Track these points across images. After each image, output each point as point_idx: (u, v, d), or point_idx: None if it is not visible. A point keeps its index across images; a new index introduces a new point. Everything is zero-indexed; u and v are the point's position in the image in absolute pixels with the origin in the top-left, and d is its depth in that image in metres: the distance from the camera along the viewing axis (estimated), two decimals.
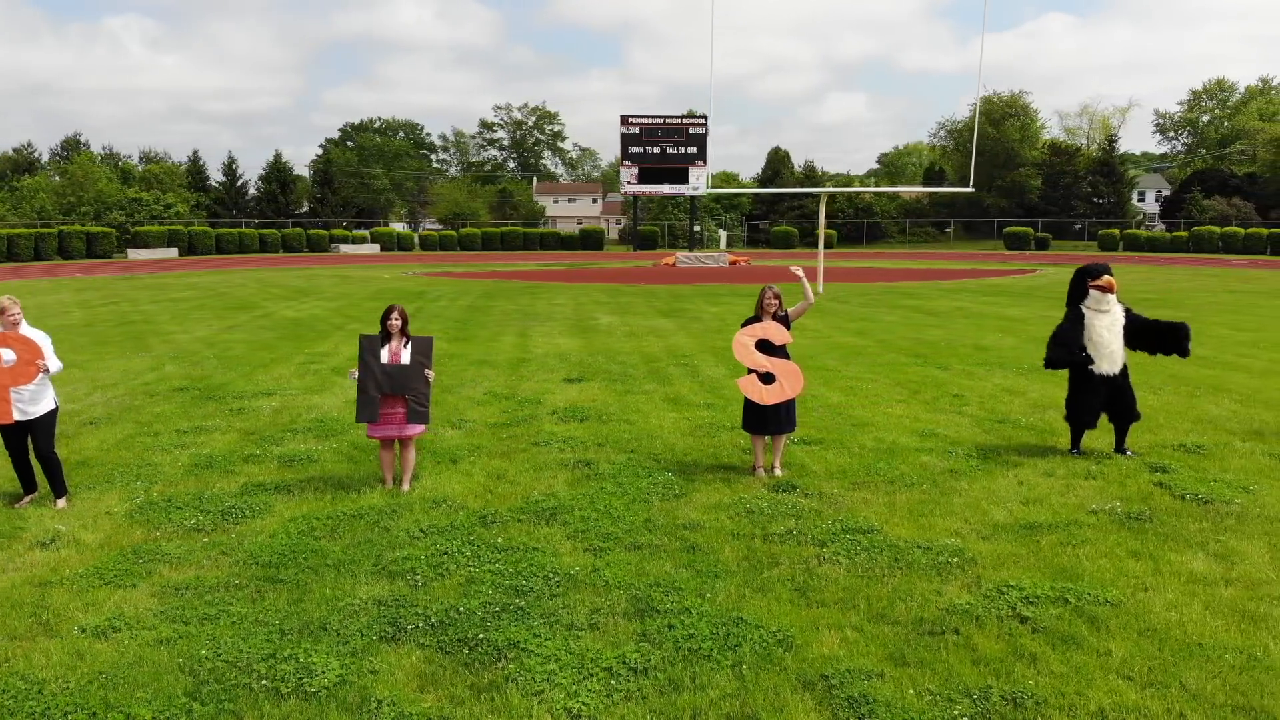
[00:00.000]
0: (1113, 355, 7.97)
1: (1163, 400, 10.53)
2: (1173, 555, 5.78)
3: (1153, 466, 7.77)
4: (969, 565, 5.68)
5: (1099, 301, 7.99)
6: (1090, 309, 8.02)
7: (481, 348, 15.11)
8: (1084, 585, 5.32)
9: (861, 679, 4.33)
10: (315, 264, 45.24)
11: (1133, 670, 4.37)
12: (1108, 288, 7.94)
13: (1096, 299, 7.99)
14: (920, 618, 4.98)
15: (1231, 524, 6.33)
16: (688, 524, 6.46)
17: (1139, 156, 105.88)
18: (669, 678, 4.39)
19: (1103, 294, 7.96)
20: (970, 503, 6.88)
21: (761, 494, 7.12)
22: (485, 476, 7.70)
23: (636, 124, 55.68)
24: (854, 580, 5.49)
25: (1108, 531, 6.22)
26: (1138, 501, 6.84)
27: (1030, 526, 6.34)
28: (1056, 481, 7.39)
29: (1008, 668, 4.42)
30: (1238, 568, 5.56)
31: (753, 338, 7.60)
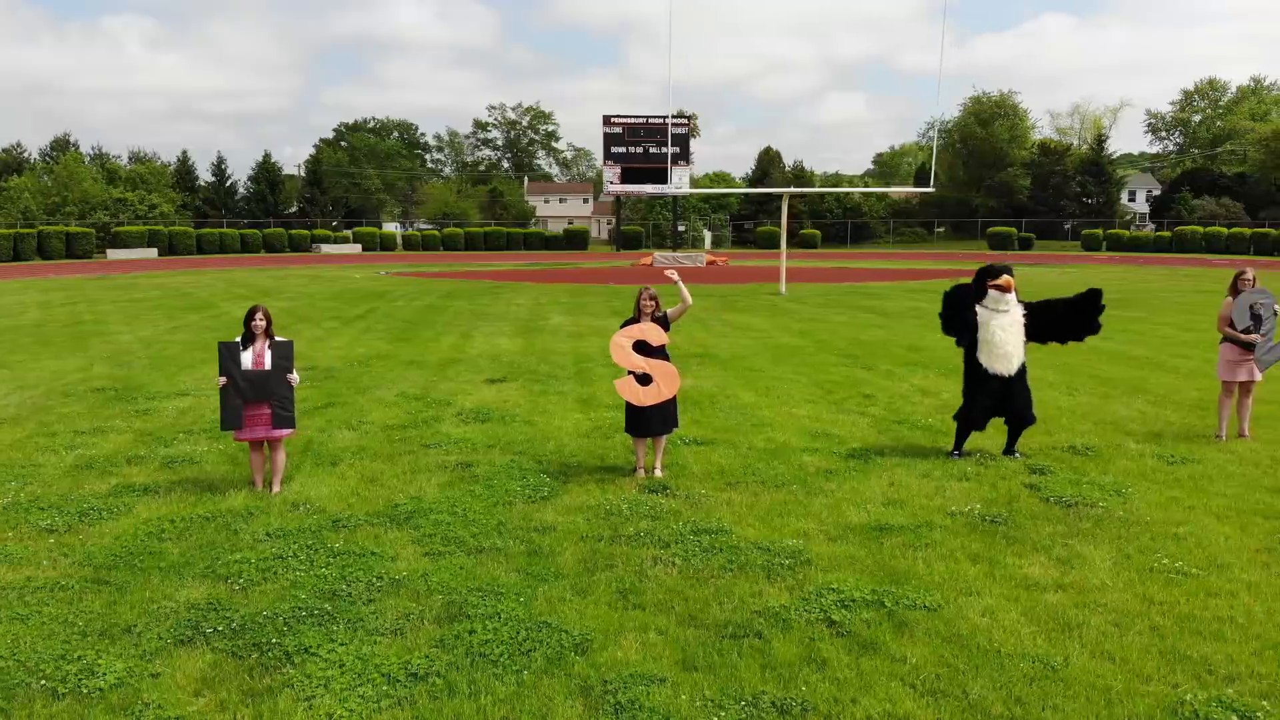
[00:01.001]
0: (1008, 356, 7.88)
1: (1075, 401, 10.45)
2: (1012, 559, 5.69)
3: (1033, 469, 7.69)
4: (802, 567, 5.60)
5: (997, 301, 7.90)
6: (988, 309, 7.94)
7: (417, 348, 15.02)
8: (907, 589, 5.23)
9: (641, 684, 4.25)
10: (293, 264, 45.15)
11: (919, 678, 4.28)
12: (1006, 287, 7.87)
13: (995, 299, 7.90)
14: (729, 621, 4.89)
15: (1087, 528, 6.24)
16: (540, 527, 6.37)
17: (1136, 156, 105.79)
18: (447, 684, 4.30)
19: (1001, 294, 7.88)
20: (832, 504, 6.80)
21: (630, 495, 7.04)
22: (358, 479, 7.61)
23: (619, 124, 55.63)
24: (681, 582, 5.41)
25: (957, 534, 6.13)
26: (1002, 504, 6.75)
27: (881, 528, 6.25)
28: (929, 483, 7.30)
29: (793, 673, 4.34)
30: (1074, 573, 5.47)
31: (630, 339, 7.52)
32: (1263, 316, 8.42)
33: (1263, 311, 8.42)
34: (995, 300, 7.88)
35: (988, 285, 7.92)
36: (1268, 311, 8.42)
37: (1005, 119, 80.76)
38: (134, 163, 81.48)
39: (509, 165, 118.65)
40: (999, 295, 7.85)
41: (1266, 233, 56.32)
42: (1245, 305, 8.43)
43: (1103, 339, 15.85)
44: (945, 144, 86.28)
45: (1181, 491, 7.01)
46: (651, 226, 74.22)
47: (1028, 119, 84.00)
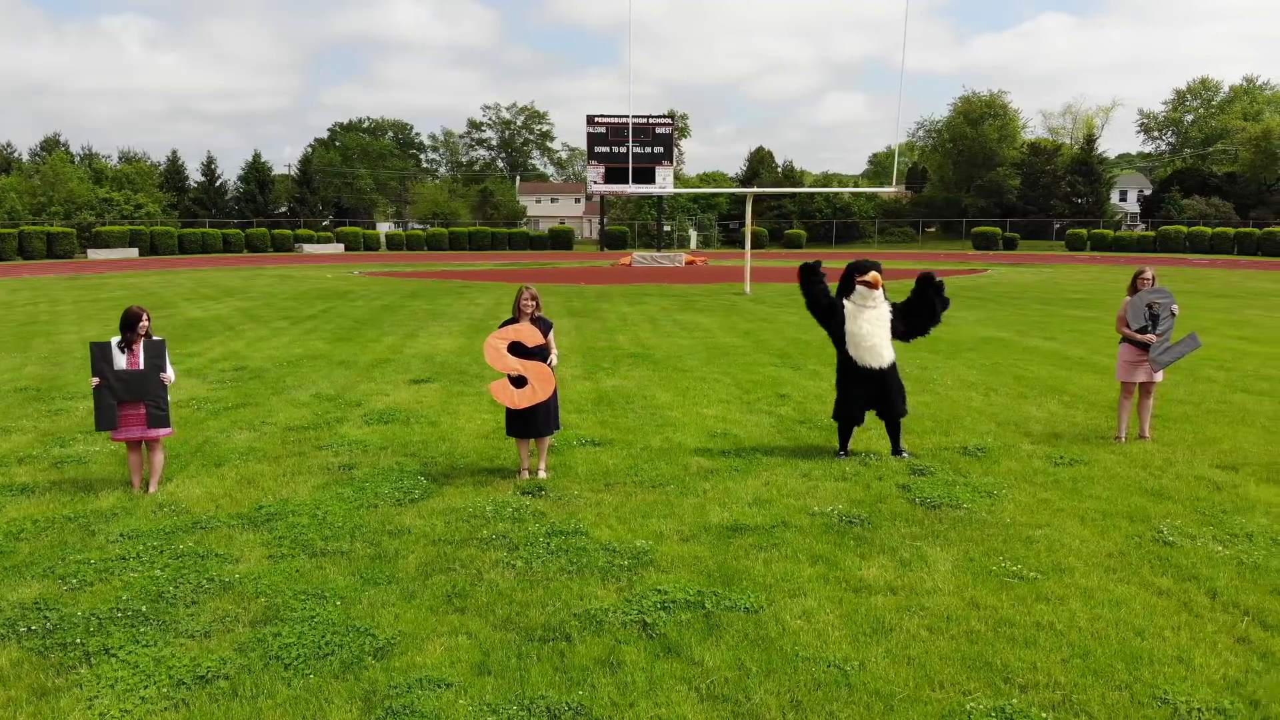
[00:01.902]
0: (875, 350, 7.86)
1: (988, 402, 10.39)
2: (853, 561, 5.64)
3: (914, 469, 7.64)
4: (641, 568, 5.54)
5: (864, 298, 7.87)
6: (856, 304, 7.90)
7: (355, 349, 14.96)
8: (735, 590, 5.18)
9: (426, 689, 4.19)
10: (271, 264, 45.06)
11: (708, 682, 4.22)
12: (873, 284, 7.83)
13: (862, 294, 7.87)
14: (545, 624, 4.84)
15: (942, 529, 6.18)
16: (396, 530, 6.31)
17: (1134, 157, 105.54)
18: (232, 687, 4.25)
19: (868, 290, 7.85)
20: (700, 504, 6.74)
21: (502, 498, 6.98)
22: (235, 481, 7.55)
23: (603, 124, 55.37)
24: (514, 585, 5.35)
25: (809, 535, 6.08)
26: (867, 505, 6.69)
27: (736, 529, 6.20)
28: (806, 483, 7.25)
29: (584, 677, 4.28)
30: (910, 575, 5.41)
31: (504, 340, 7.46)
32: (1160, 316, 8.36)
33: (1160, 311, 8.36)
34: (863, 296, 7.85)
35: (856, 281, 7.89)
36: (1165, 311, 8.37)
37: (995, 119, 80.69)
38: (124, 163, 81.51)
39: (504, 165, 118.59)
40: (866, 291, 7.83)
41: (1250, 232, 56.26)
42: (1141, 305, 8.38)
43: (1044, 339, 15.91)
44: (935, 144, 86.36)
45: (1056, 494, 6.95)
46: (637, 226, 74.17)
47: (1018, 119, 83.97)
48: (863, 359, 7.86)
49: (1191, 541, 5.88)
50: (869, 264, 7.95)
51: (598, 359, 13.66)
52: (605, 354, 14.17)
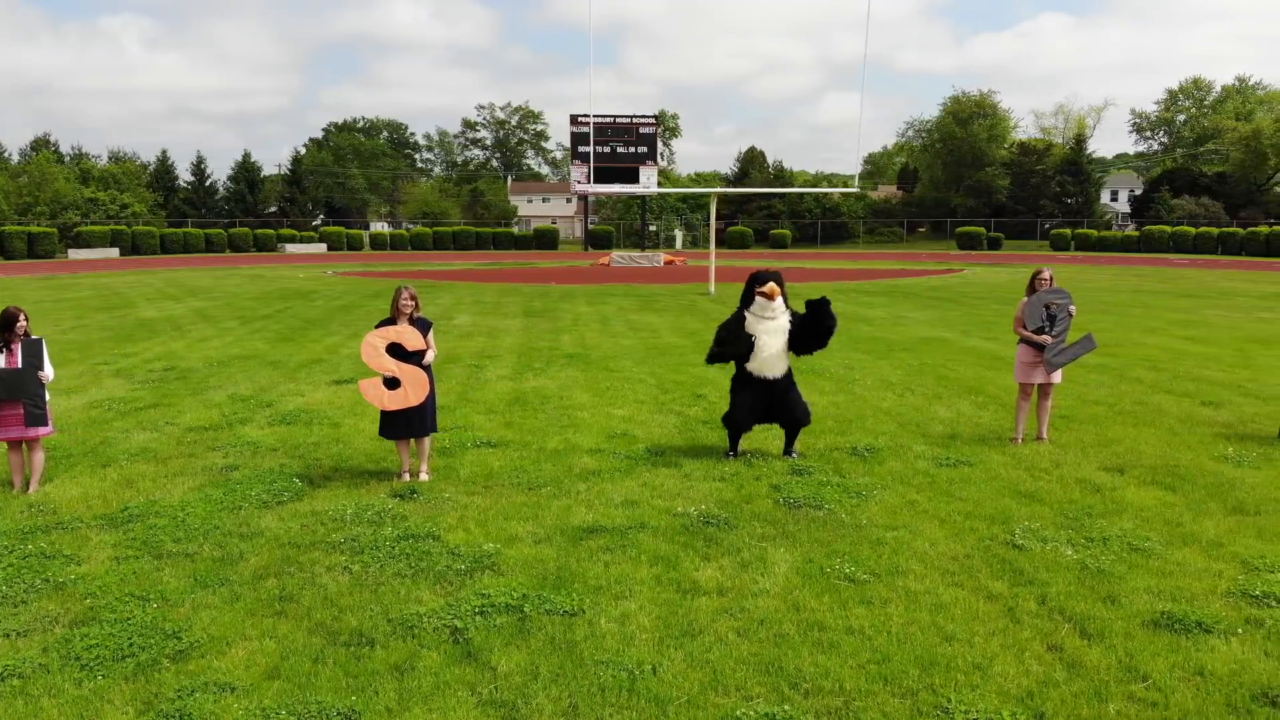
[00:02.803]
0: (771, 360, 7.81)
1: (900, 402, 10.35)
2: (694, 562, 5.59)
3: (797, 469, 7.59)
4: (480, 571, 5.49)
5: (763, 308, 7.82)
6: (754, 314, 7.86)
7: (292, 349, 14.91)
8: (562, 593, 5.13)
9: (210, 692, 4.15)
10: (248, 264, 44.97)
11: (493, 688, 4.17)
12: (770, 295, 7.78)
13: (761, 305, 7.82)
14: (357, 628, 4.79)
15: (794, 530, 6.13)
16: (250, 532, 6.26)
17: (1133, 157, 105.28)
18: (22, 685, 4.24)
19: (766, 300, 7.80)
20: (568, 506, 6.69)
21: (371, 500, 6.92)
22: (116, 481, 7.50)
23: (586, 123, 55.40)
24: (343, 589, 5.29)
25: (662, 536, 6.03)
26: (734, 505, 6.65)
27: (593, 530, 6.15)
28: (684, 484, 7.20)
29: (371, 683, 4.23)
30: (745, 577, 5.36)
31: (384, 340, 7.40)
32: (1057, 317, 8.31)
33: (1057, 312, 8.31)
34: (761, 307, 7.81)
35: (755, 292, 7.85)
36: (1062, 312, 8.32)
37: (984, 119, 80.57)
38: (113, 162, 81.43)
39: (499, 165, 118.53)
40: (764, 302, 7.78)
41: (1234, 232, 56.19)
42: (1039, 305, 8.33)
43: (986, 339, 15.85)
44: (925, 145, 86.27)
45: (926, 495, 6.90)
46: (623, 226, 74.14)
47: (1008, 119, 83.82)
48: (759, 371, 7.82)
49: (1043, 545, 5.83)
50: (768, 275, 7.92)
51: (531, 359, 13.61)
52: (542, 354, 14.12)
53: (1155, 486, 7.12)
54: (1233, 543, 5.89)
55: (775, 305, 7.83)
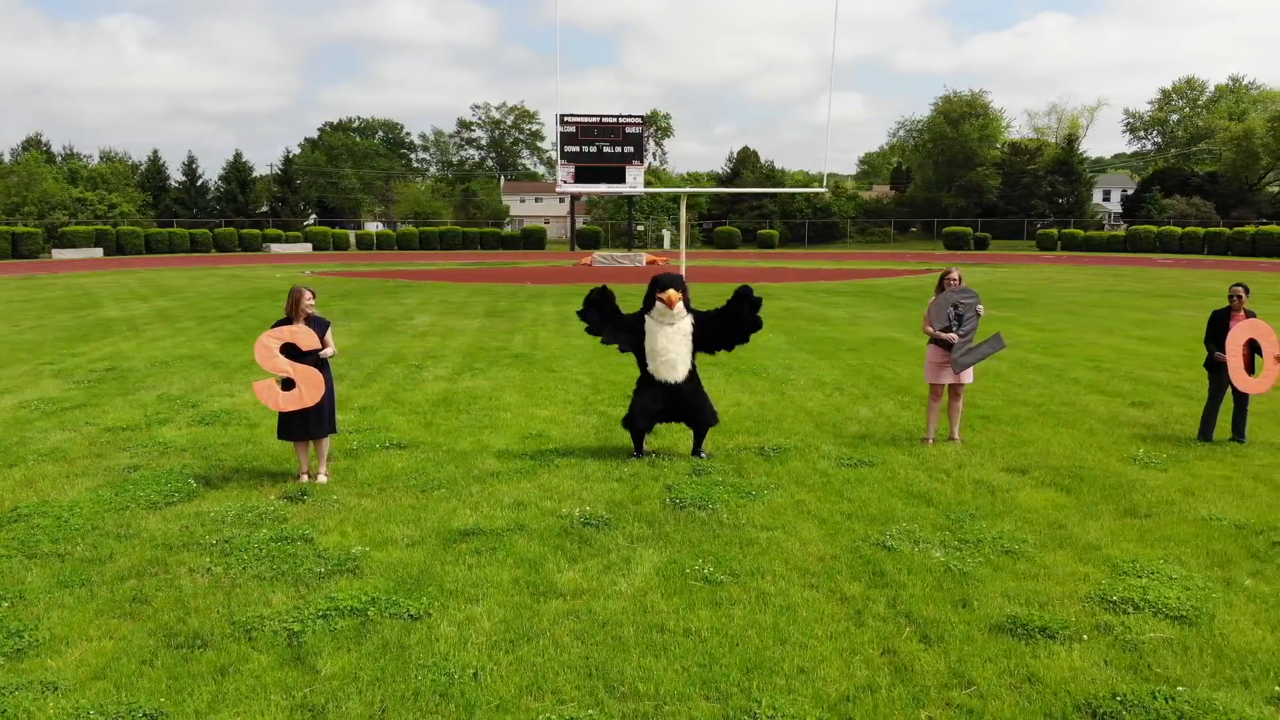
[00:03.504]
0: (672, 363, 7.78)
1: (826, 401, 10.30)
2: (560, 564, 5.54)
3: (698, 470, 7.55)
4: (340, 574, 5.44)
5: (662, 314, 7.78)
6: (654, 319, 7.82)
7: (241, 349, 14.84)
8: (413, 597, 5.09)
9: (33, 690, 4.14)
10: (230, 264, 44.90)
11: (309, 691, 4.13)
12: (668, 301, 7.74)
13: (660, 311, 7.78)
14: (197, 630, 4.74)
15: (671, 531, 6.09)
16: (128, 533, 6.20)
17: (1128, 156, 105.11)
18: None
19: (665, 307, 7.76)
20: (455, 508, 6.64)
21: (257, 502, 6.86)
22: (17, 482, 7.44)
23: (573, 123, 55.27)
24: (199, 591, 5.25)
25: (538, 538, 5.98)
26: (621, 506, 6.60)
27: (471, 533, 6.10)
28: (580, 485, 7.15)
29: (191, 684, 4.18)
30: (606, 579, 5.32)
31: (278, 341, 7.35)
32: (965, 317, 8.27)
33: (964, 311, 8.27)
34: (660, 313, 7.78)
35: (655, 298, 7.81)
36: (969, 311, 8.28)
37: (976, 119, 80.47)
38: (104, 162, 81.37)
39: (494, 165, 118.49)
40: (664, 308, 7.74)
41: (1220, 232, 56.12)
42: (946, 304, 8.29)
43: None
44: (915, 144, 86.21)
45: (817, 495, 6.86)
46: (611, 226, 74.09)
47: (1000, 119, 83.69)
48: (659, 372, 7.80)
49: (914, 547, 5.78)
50: (668, 281, 7.89)
51: (476, 359, 13.56)
52: (488, 354, 14.07)
53: (1052, 488, 7.07)
54: (1111, 546, 5.84)
55: (675, 311, 7.78)
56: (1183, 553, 5.71)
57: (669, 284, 7.84)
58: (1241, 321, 8.54)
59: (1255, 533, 6.07)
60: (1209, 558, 5.64)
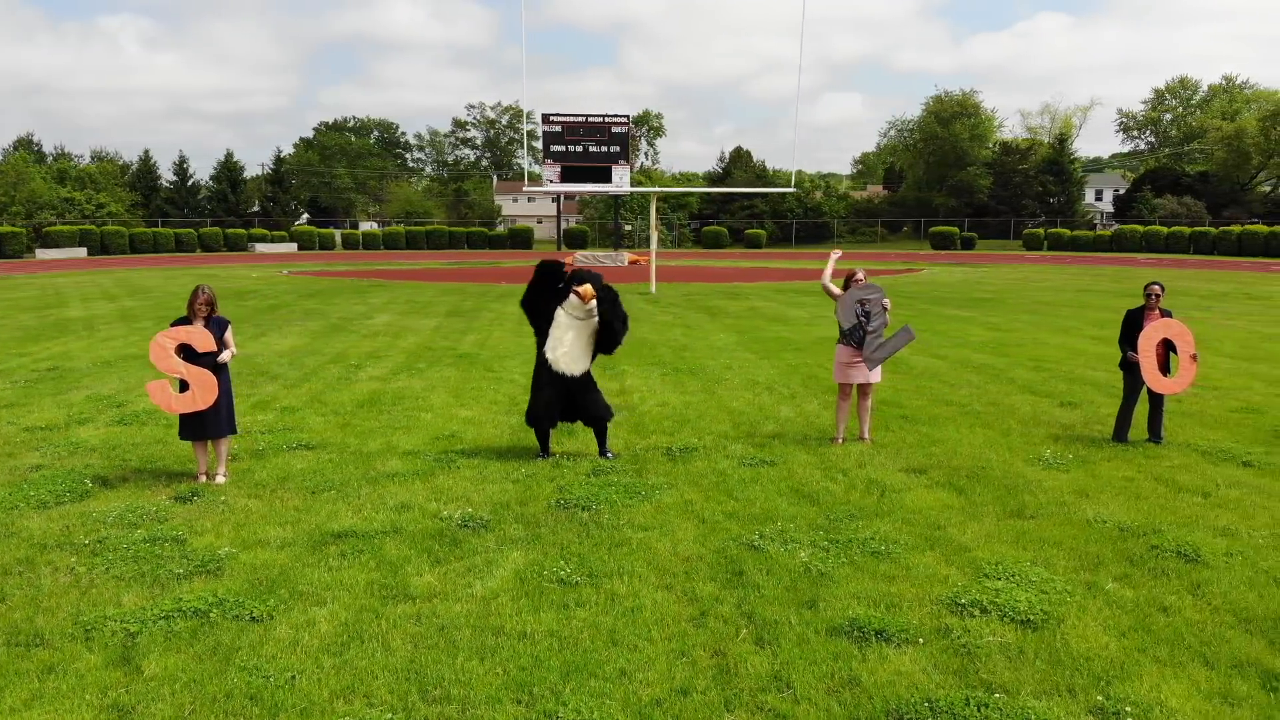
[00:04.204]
0: (575, 357, 7.75)
1: (752, 401, 10.28)
2: (421, 567, 5.51)
3: (599, 470, 7.52)
4: (199, 575, 5.40)
5: (575, 308, 7.75)
6: (567, 312, 7.79)
7: None
8: (262, 599, 5.05)
9: None
10: (210, 264, 44.85)
11: (117, 694, 4.09)
12: (583, 297, 7.71)
13: (574, 304, 7.75)
14: (37, 631, 4.70)
15: (547, 532, 6.06)
16: (9, 533, 6.15)
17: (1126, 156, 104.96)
18: None
19: (580, 301, 7.73)
20: (339, 510, 6.60)
21: (151, 503, 6.82)
22: None
23: (558, 122, 55.22)
24: (57, 590, 5.21)
25: (409, 540, 5.95)
26: (506, 508, 6.57)
27: (344, 535, 6.06)
28: (474, 486, 7.12)
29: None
30: (462, 582, 5.28)
31: (174, 341, 7.30)
32: (872, 314, 8.24)
33: (872, 308, 8.24)
34: (573, 306, 7.75)
35: (573, 290, 7.78)
36: (876, 307, 8.25)
37: (967, 119, 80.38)
38: (95, 162, 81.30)
39: (489, 164, 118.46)
40: (578, 302, 7.72)
41: (1206, 231, 56.09)
42: (851, 302, 8.26)
43: None
44: (905, 144, 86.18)
45: (707, 495, 6.83)
46: (599, 226, 74.05)
47: (993, 119, 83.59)
48: (559, 364, 7.76)
49: (782, 548, 5.75)
50: (586, 275, 7.85)
51: (419, 359, 13.53)
52: (433, 354, 14.04)
53: (945, 489, 7.04)
54: (982, 548, 5.81)
55: (589, 307, 7.76)
56: (1053, 555, 5.67)
57: (587, 279, 7.81)
58: (1155, 321, 8.49)
59: (1137, 535, 6.04)
60: (1080, 561, 5.60)
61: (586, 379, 7.84)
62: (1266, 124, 70.75)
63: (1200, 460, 7.94)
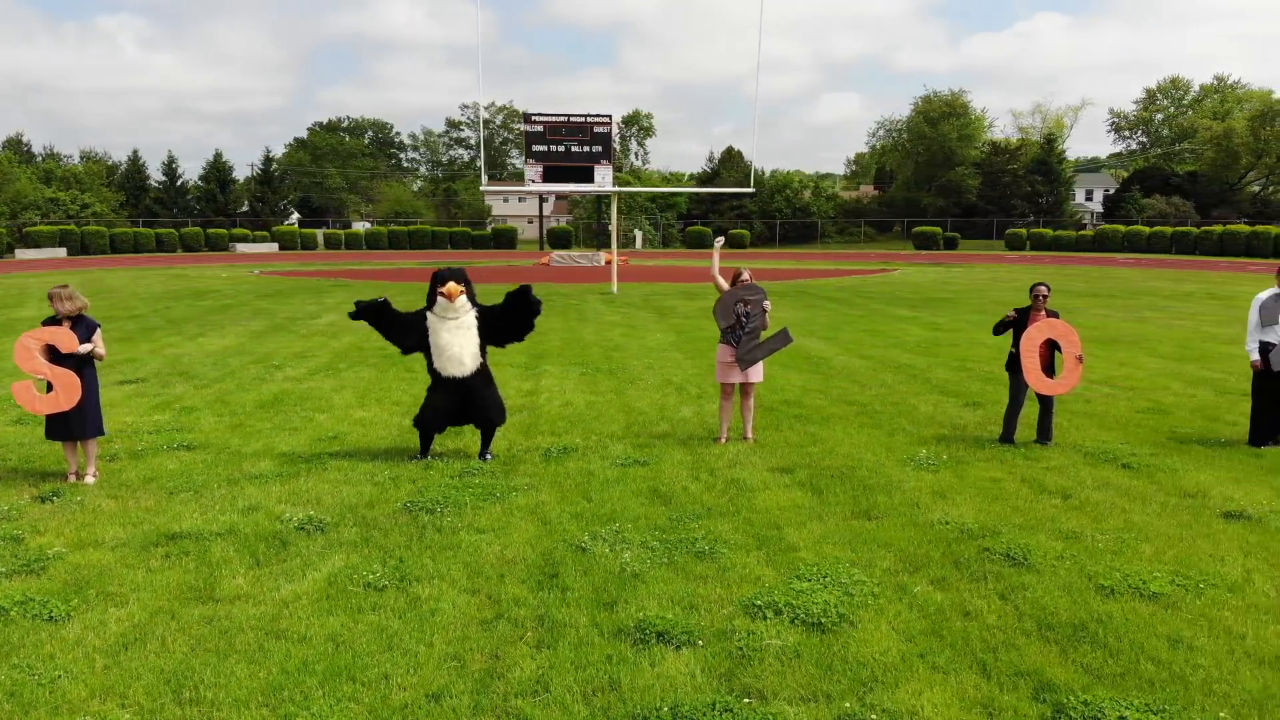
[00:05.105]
0: (456, 358, 7.72)
1: (660, 400, 10.26)
2: (237, 569, 5.46)
3: (467, 471, 7.50)
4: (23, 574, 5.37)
5: (444, 309, 7.72)
6: (437, 315, 7.76)
7: (126, 349, 14.79)
8: (68, 598, 5.01)
9: None
10: (184, 264, 44.82)
11: None
12: (449, 295, 7.67)
13: (442, 306, 7.72)
14: None
15: (379, 535, 6.02)
16: None
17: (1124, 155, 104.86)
18: None
19: (447, 301, 7.70)
20: (186, 511, 6.55)
21: (12, 502, 6.79)
22: None
23: (540, 122, 55.23)
24: None
25: (239, 542, 5.90)
26: (354, 510, 6.53)
27: (178, 536, 6.01)
28: (334, 487, 7.07)
29: None
30: (268, 586, 5.24)
31: (38, 342, 7.27)
32: (751, 314, 8.21)
33: (752, 309, 8.21)
34: (443, 308, 7.71)
35: (437, 293, 7.75)
36: (756, 308, 8.22)
37: (956, 119, 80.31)
38: (83, 162, 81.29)
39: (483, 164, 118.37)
40: (445, 303, 7.68)
41: (1188, 231, 56.06)
42: (730, 303, 8.23)
43: (825, 340, 15.68)
44: (895, 144, 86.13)
45: (563, 496, 6.80)
46: (585, 226, 74.02)
47: (982, 119, 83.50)
48: (445, 369, 7.74)
49: (609, 549, 5.71)
50: (449, 275, 7.82)
51: (344, 359, 13.51)
52: (361, 354, 14.02)
53: (804, 488, 7.00)
54: (811, 548, 5.77)
55: (457, 305, 7.73)
56: (879, 557, 5.64)
57: (449, 278, 7.78)
58: (1039, 321, 8.45)
59: (975, 537, 6.01)
60: (903, 563, 5.57)
61: (480, 378, 7.80)
62: (1255, 124, 70.68)
63: (1079, 462, 7.91)
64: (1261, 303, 8.58)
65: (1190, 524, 6.33)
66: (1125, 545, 5.88)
